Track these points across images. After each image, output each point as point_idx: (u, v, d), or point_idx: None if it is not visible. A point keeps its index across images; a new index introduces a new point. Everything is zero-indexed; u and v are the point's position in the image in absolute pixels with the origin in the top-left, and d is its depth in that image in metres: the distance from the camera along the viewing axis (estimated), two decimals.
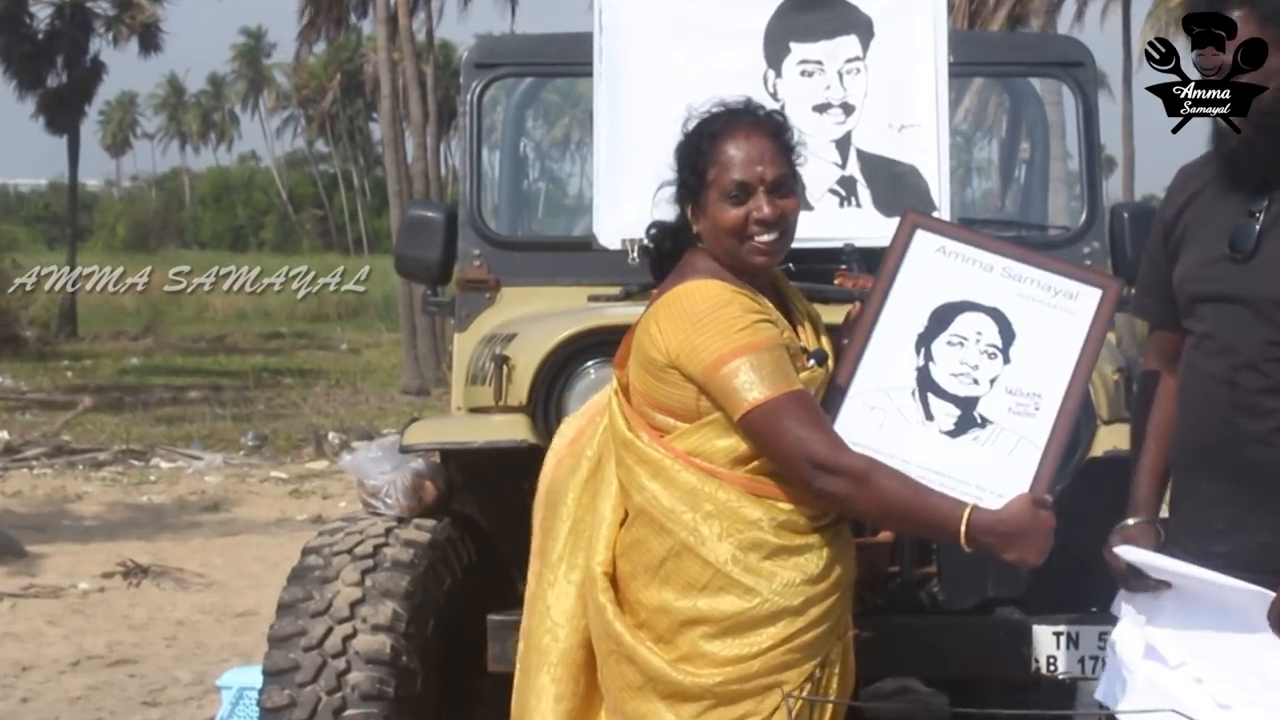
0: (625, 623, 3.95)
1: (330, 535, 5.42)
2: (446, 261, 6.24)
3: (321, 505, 17.43)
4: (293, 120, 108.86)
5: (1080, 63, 6.35)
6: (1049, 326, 4.07)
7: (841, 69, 5.80)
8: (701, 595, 3.87)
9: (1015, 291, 4.09)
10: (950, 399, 4.00)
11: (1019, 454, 3.97)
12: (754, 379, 3.77)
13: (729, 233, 3.95)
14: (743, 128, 4.01)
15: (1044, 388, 4.02)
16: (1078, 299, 4.10)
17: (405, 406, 29.18)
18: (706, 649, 3.87)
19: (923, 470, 3.90)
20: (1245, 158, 3.92)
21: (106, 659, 10.22)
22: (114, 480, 19.88)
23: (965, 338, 4.05)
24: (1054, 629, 4.92)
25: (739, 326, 3.82)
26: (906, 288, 4.11)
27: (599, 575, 4.00)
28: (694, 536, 3.86)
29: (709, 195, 3.96)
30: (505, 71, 6.62)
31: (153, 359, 43.83)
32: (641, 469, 3.94)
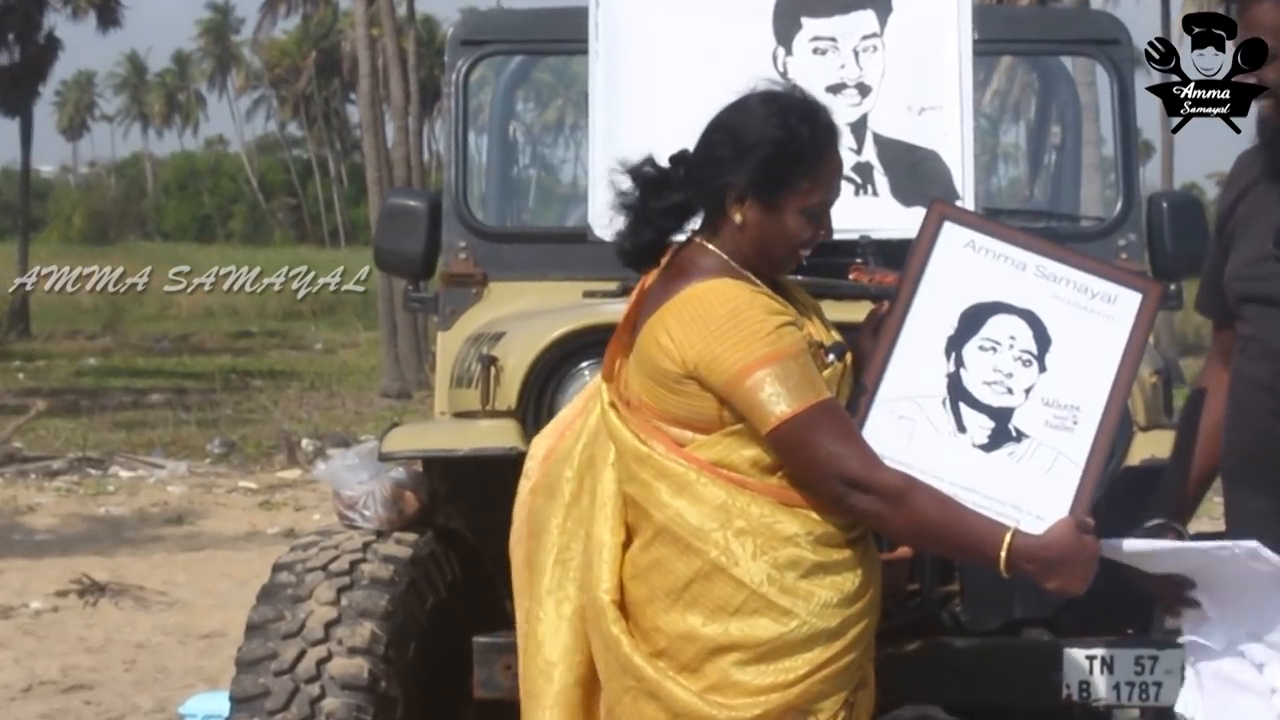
0: (644, 654, 3.90)
1: (303, 550, 5.43)
2: (429, 254, 6.24)
3: (294, 518, 17.44)
4: (264, 102, 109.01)
5: (1116, 40, 6.35)
6: (1086, 332, 4.07)
7: (857, 46, 5.81)
8: (734, 619, 3.83)
9: (1050, 293, 4.08)
10: (983, 409, 4.00)
11: (1057, 472, 3.97)
12: (781, 390, 3.75)
13: (791, 245, 3.96)
14: (836, 137, 4.00)
15: (1082, 400, 4.02)
16: (1116, 303, 4.09)
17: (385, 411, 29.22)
18: (738, 677, 3.83)
19: (955, 487, 3.90)
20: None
21: (61, 684, 10.22)
22: (69, 490, 19.90)
23: (998, 342, 4.04)
24: (1087, 652, 4.92)
25: (763, 333, 3.79)
26: (935, 286, 4.09)
27: (607, 605, 3.94)
28: (726, 556, 3.82)
29: (789, 200, 3.91)
30: (494, 49, 6.62)
31: (112, 359, 43.89)
32: (662, 484, 3.89)
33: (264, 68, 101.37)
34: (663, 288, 3.95)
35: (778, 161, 3.89)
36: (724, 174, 3.92)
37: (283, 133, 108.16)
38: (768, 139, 3.90)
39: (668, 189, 3.97)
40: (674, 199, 3.97)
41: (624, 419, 3.98)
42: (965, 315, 4.06)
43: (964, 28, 5.80)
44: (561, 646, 4.09)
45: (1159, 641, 4.95)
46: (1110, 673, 4.88)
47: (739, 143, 3.92)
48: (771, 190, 3.90)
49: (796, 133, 3.91)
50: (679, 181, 3.97)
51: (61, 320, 53.19)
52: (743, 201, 3.91)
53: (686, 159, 3.99)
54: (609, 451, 4.03)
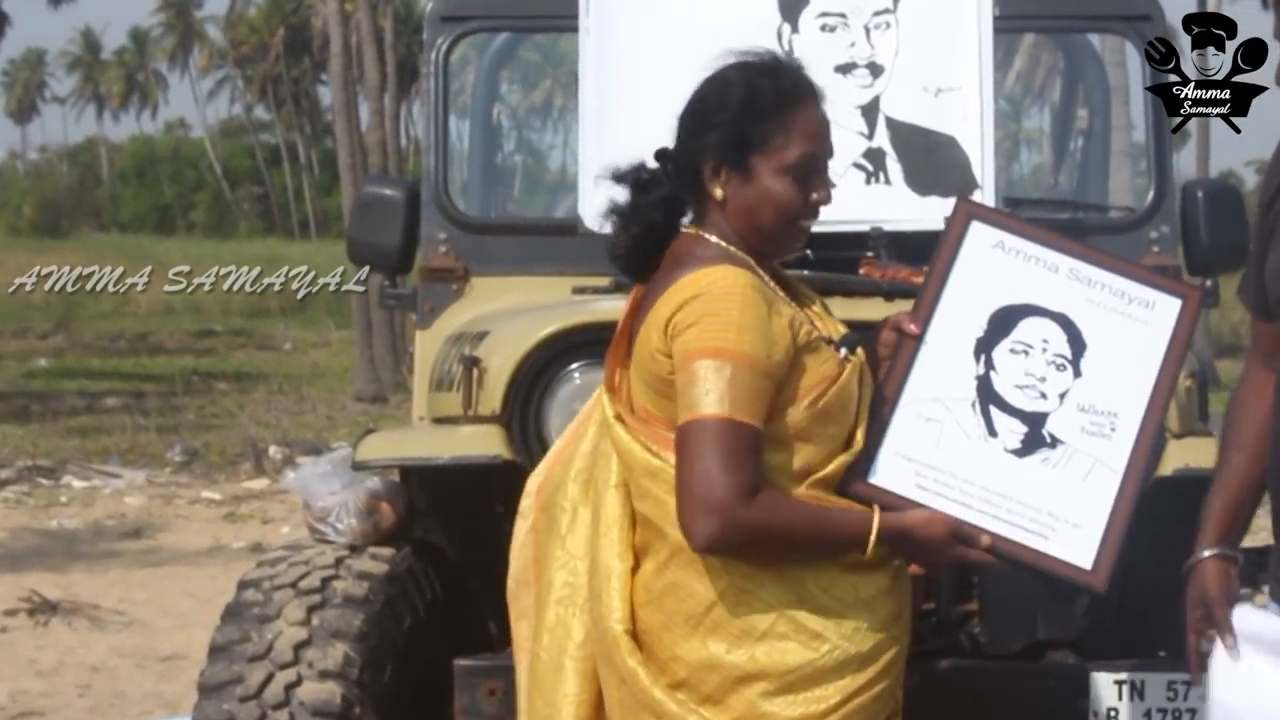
0: (663, 686, 3.84)
1: (271, 566, 5.44)
2: (407, 247, 6.25)
3: (261, 531, 17.47)
4: (228, 82, 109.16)
5: (1147, 16, 6.35)
6: (1123, 338, 4.11)
7: (868, 23, 5.82)
8: (760, 645, 3.80)
9: (1084, 296, 4.13)
10: (1015, 414, 4.03)
11: (1095, 480, 4.01)
12: (712, 390, 3.71)
13: (781, 210, 3.92)
14: (811, 95, 3.99)
15: (1120, 406, 4.07)
16: (1154, 308, 4.15)
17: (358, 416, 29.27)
18: (766, 709, 3.80)
19: (987, 492, 3.95)
20: None
21: (9, 711, 10.23)
22: (19, 501, 19.93)
23: (1030, 346, 4.08)
24: (1115, 677, 4.93)
25: (729, 323, 3.75)
26: (962, 286, 4.12)
27: (620, 635, 3.88)
28: (751, 578, 3.80)
29: (764, 162, 3.90)
30: (476, 25, 6.62)
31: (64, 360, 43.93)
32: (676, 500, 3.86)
33: (229, 46, 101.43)
34: (658, 283, 3.93)
35: (741, 118, 3.90)
36: (695, 148, 3.93)
37: (249, 116, 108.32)
38: (730, 99, 3.92)
39: (656, 186, 3.98)
40: (661, 193, 3.96)
41: (633, 432, 3.94)
42: (995, 317, 4.09)
43: (984, 3, 5.81)
44: (565, 688, 4.03)
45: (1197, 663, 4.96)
46: (1140, 699, 4.90)
47: (704, 111, 3.94)
48: (742, 152, 3.90)
49: (756, 86, 3.92)
50: (666, 176, 3.98)
51: (9, 318, 53.14)
52: (718, 174, 3.91)
53: (669, 153, 4.00)
54: (611, 473, 3.99)
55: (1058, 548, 4.01)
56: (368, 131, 40.11)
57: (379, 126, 40.14)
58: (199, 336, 52.02)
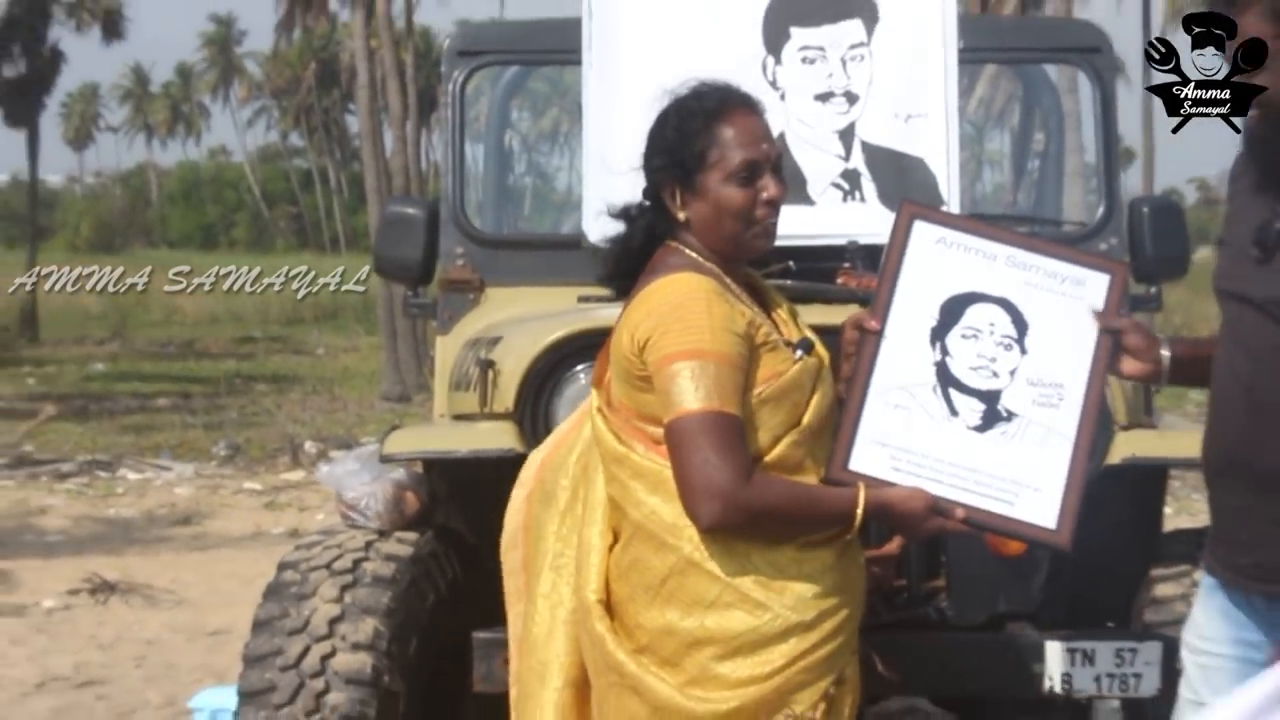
0: (627, 650, 3.89)
1: (307, 549, 5.44)
2: (428, 261, 6.25)
3: (298, 518, 17.42)
4: (265, 112, 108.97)
5: (1097, 48, 6.37)
6: (1061, 315, 4.15)
7: (845, 55, 5.82)
8: (709, 613, 3.82)
9: (1022, 280, 4.17)
10: (972, 393, 4.06)
11: (1050, 446, 4.05)
12: (692, 386, 3.75)
13: (736, 215, 3.95)
14: (740, 106, 4.03)
15: (1064, 377, 4.11)
16: (1086, 285, 4.20)
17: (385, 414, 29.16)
18: (717, 671, 3.82)
19: (956, 468, 3.98)
20: (1266, 156, 3.97)
21: (73, 680, 10.23)
22: (79, 492, 19.88)
23: (979, 330, 4.11)
24: (1068, 645, 4.93)
25: (700, 328, 3.79)
26: (913, 281, 4.15)
27: (593, 604, 3.94)
28: (699, 551, 3.82)
29: (709, 177, 3.95)
30: (490, 60, 6.63)
31: (119, 364, 43.79)
32: (639, 483, 3.90)
33: (265, 79, 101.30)
34: (637, 289, 3.99)
35: (679, 145, 3.97)
36: (654, 180, 4.04)
37: (284, 142, 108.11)
38: (668, 130, 4.00)
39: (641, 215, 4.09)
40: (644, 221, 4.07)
41: (608, 422, 4.00)
42: (944, 307, 4.12)
43: (949, 37, 5.82)
44: (555, 648, 4.10)
45: (1138, 634, 4.97)
46: (1091, 665, 4.90)
47: (651, 146, 4.04)
48: (689, 173, 3.97)
49: (685, 112, 3.99)
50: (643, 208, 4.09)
51: (69, 326, 53.07)
52: (676, 197, 3.99)
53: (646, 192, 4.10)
54: (600, 460, 4.05)
55: (1024, 512, 4.04)
56: (392, 156, 39.96)
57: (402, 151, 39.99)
58: (240, 342, 51.86)
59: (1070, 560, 5.09)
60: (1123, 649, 4.89)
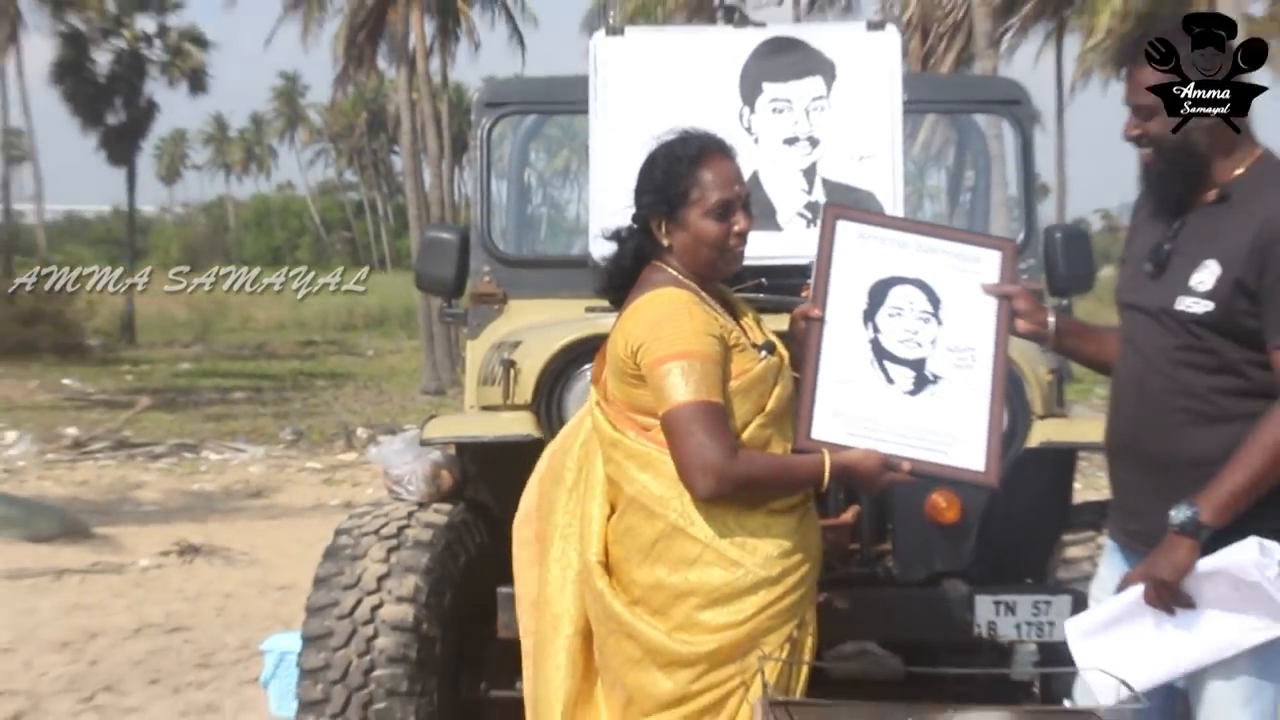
0: (623, 602, 3.95)
1: (359, 518, 5.44)
2: (460, 277, 6.25)
3: (351, 492, 17.41)
4: (324, 153, 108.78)
5: (1018, 100, 6.37)
6: (966, 288, 4.19)
7: (808, 106, 5.81)
8: (692, 569, 3.87)
9: (931, 262, 4.21)
10: (903, 363, 4.09)
11: (970, 401, 4.08)
12: (682, 382, 3.81)
13: (712, 244, 4.00)
14: (717, 153, 4.06)
15: (975, 341, 4.14)
16: (982, 261, 4.23)
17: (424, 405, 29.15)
18: (699, 618, 3.87)
19: (898, 428, 4.02)
20: (1159, 189, 3.97)
21: (164, 626, 10.22)
22: (169, 470, 19.88)
23: (901, 308, 4.14)
24: (994, 598, 4.94)
25: (683, 333, 3.85)
26: (843, 272, 4.18)
27: (594, 565, 4.00)
28: (683, 518, 3.87)
29: (690, 212, 3.99)
30: (512, 110, 6.62)
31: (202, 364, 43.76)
32: (631, 463, 3.95)
33: (325, 125, 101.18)
34: (627, 303, 4.04)
35: (665, 185, 4.01)
36: (642, 211, 4.06)
37: (340, 178, 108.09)
38: (656, 172, 4.03)
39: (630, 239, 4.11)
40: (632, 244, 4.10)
41: (605, 413, 4.05)
42: (871, 291, 4.15)
43: (895, 91, 5.81)
44: (566, 603, 4.13)
45: (1051, 589, 4.97)
46: (1013, 615, 4.90)
47: (643, 182, 4.06)
48: (673, 206, 4.01)
49: (672, 157, 4.03)
50: (633, 232, 4.11)
51: (161, 332, 53.07)
52: (661, 227, 4.03)
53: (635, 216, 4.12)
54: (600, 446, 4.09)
55: (957, 459, 4.07)
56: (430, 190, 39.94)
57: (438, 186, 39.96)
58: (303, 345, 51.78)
59: (996, 525, 5.09)
60: (1039, 601, 4.89)
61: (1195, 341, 3.84)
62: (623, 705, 4.00)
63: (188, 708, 8.09)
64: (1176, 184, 3.92)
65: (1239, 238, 3.77)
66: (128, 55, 54.00)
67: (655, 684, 3.91)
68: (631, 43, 5.97)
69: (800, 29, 6.24)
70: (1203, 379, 3.84)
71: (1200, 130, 3.83)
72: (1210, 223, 3.87)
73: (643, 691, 3.93)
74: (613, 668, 4.01)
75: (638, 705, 3.96)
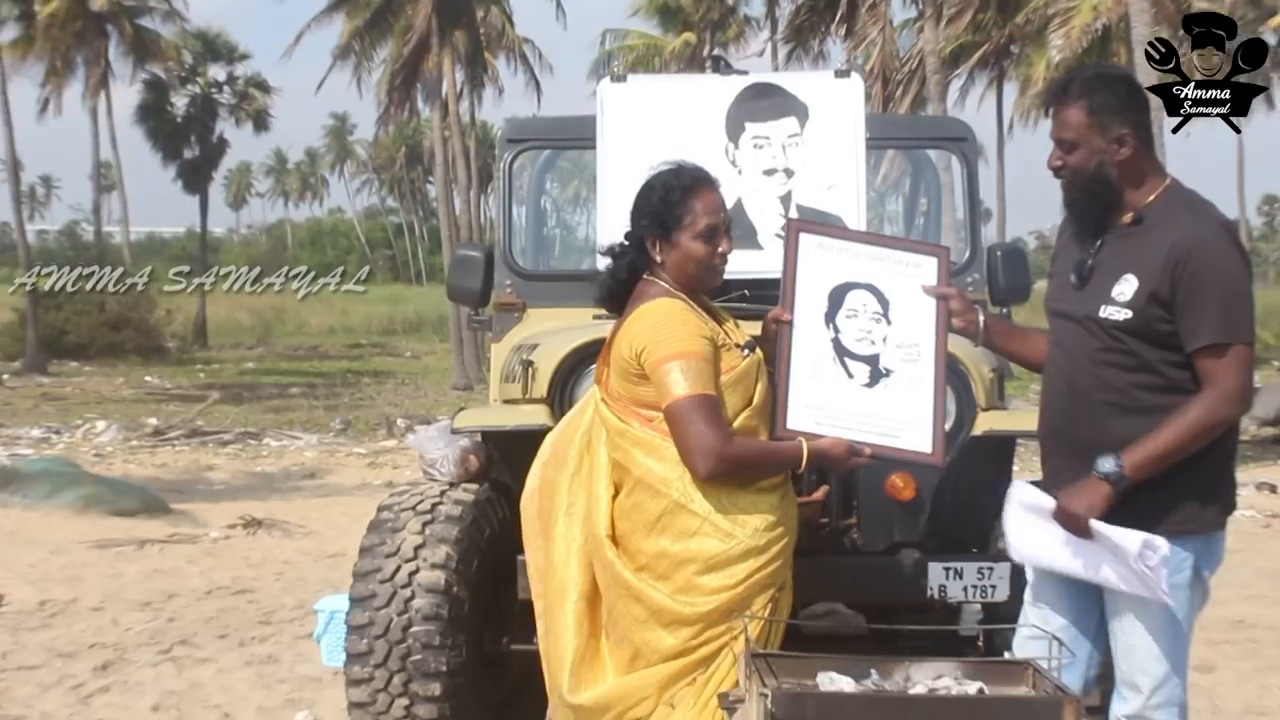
0: (631, 569, 3.97)
1: (399, 496, 5.43)
2: (485, 289, 6.24)
3: (392, 474, 17.45)
4: (369, 182, 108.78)
5: (964, 138, 6.37)
6: (909, 290, 4.18)
7: (784, 142, 5.80)
8: (692, 540, 3.90)
9: (879, 268, 4.20)
10: (860, 359, 4.10)
11: (918, 390, 4.09)
12: (681, 379, 3.84)
13: (700, 262, 4.02)
14: (706, 184, 4.07)
15: (919, 337, 4.14)
16: (922, 266, 4.23)
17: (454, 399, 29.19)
18: (699, 582, 3.89)
19: (859, 418, 4.04)
20: (1079, 213, 3.99)
21: (231, 589, 10.23)
22: (236, 454, 19.92)
23: (857, 310, 4.14)
24: (944, 565, 4.93)
25: (680, 336, 3.88)
26: (806, 279, 4.17)
27: (604, 538, 4.02)
28: (684, 496, 3.90)
29: (682, 235, 4.01)
30: (530, 145, 6.62)
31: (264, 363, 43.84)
32: (637, 449, 3.97)
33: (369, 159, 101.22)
34: (627, 312, 4.07)
35: (661, 210, 4.02)
36: (640, 229, 4.06)
37: (382, 204, 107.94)
38: (653, 197, 4.04)
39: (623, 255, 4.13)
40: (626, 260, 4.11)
41: (609, 407, 4.07)
42: (830, 295, 4.16)
43: (859, 129, 5.80)
44: (571, 572, 4.13)
45: (993, 557, 4.96)
46: (961, 579, 4.90)
47: (641, 207, 4.07)
48: (668, 228, 4.02)
49: (668, 185, 4.04)
50: (625, 250, 4.13)
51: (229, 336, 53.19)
52: (655, 245, 4.04)
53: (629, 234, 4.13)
54: (602, 435, 4.11)
55: (907, 442, 4.09)
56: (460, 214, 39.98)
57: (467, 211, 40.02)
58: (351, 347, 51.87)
59: (946, 502, 5.09)
60: (983, 568, 4.88)
61: (1116, 344, 3.86)
62: (629, 659, 4.01)
63: (251, 659, 8.09)
64: (1093, 209, 3.95)
65: (1154, 255, 3.80)
66: (201, 99, 54.13)
67: (660, 640, 3.93)
68: (633, 88, 5.96)
69: (777, 77, 6.24)
70: (1123, 376, 3.86)
71: (1112, 165, 3.88)
72: (1127, 242, 3.89)
73: (648, 646, 3.95)
74: (621, 626, 4.01)
75: (644, 658, 3.97)
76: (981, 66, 38.47)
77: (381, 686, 5.01)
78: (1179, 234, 3.78)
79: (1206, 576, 3.95)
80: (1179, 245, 3.76)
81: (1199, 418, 3.77)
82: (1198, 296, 3.74)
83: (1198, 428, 3.77)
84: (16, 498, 13.58)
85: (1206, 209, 3.89)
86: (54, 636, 8.67)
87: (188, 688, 7.47)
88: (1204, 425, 3.78)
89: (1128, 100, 3.87)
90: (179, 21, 48.68)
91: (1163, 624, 3.87)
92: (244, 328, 54.80)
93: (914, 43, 29.77)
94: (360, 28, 40.30)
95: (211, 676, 7.71)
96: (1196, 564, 3.89)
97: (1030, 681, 3.60)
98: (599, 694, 4.05)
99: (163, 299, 43.09)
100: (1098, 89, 3.87)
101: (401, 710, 5.01)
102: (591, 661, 4.10)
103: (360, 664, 5.03)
